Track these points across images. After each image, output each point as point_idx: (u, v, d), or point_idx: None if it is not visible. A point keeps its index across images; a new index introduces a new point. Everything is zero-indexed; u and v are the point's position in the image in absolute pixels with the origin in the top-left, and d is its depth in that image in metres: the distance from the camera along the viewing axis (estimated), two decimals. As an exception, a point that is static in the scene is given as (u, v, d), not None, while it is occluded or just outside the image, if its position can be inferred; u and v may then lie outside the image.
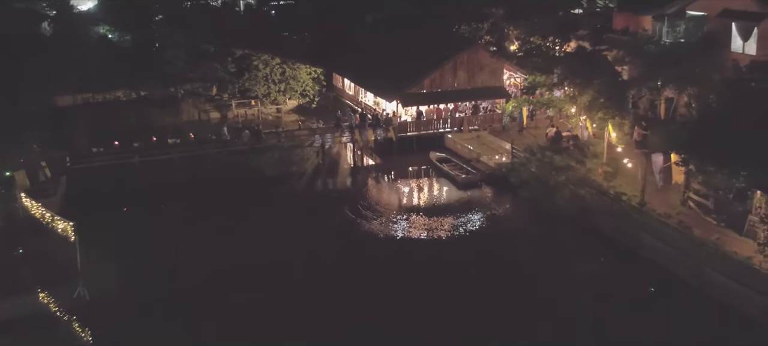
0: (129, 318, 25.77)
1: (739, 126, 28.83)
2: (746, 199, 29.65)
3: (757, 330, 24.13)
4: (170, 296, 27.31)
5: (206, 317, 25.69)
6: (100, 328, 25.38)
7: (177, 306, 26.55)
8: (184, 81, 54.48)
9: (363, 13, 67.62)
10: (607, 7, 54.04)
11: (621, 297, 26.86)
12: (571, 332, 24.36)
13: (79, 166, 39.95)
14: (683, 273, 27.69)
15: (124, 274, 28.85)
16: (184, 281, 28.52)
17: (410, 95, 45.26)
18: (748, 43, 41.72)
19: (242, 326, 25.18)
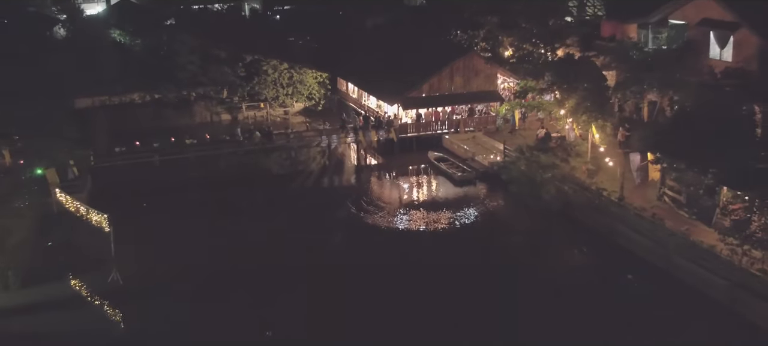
0: (157, 299, 28.93)
1: (708, 127, 32.05)
2: (714, 194, 32.79)
3: (719, 309, 27.21)
4: (192, 280, 30.43)
5: (224, 298, 28.79)
6: (131, 308, 28.52)
7: (199, 288, 29.67)
8: (196, 84, 57.37)
9: (364, 18, 71.01)
10: (596, 16, 57.28)
11: (599, 281, 30.02)
12: (551, 310, 27.46)
13: (103, 165, 43.10)
14: (655, 260, 30.81)
15: (150, 261, 32.01)
16: (204, 266, 31.69)
17: (410, 99, 48.43)
18: (724, 51, 44.65)
19: (257, 304, 28.28)
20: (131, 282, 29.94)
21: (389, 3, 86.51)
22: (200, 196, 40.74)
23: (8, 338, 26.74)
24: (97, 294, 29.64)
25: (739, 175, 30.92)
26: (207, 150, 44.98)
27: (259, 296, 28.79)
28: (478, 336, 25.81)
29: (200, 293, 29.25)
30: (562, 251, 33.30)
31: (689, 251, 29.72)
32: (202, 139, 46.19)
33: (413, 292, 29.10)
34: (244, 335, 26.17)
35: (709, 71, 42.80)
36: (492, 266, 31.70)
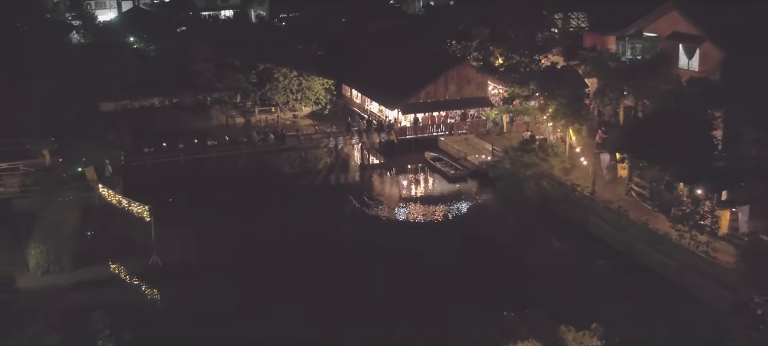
0: (190, 278, 33.93)
1: (669, 130, 37.00)
2: (673, 188, 37.75)
3: (670, 286, 32.14)
4: (221, 261, 35.42)
5: (246, 278, 33.72)
6: (169, 285, 33.47)
7: (227, 268, 34.68)
8: (212, 90, 62.37)
9: (366, 25, 75.81)
10: (579, 27, 62.28)
11: (569, 262, 35.04)
12: (525, 284, 32.46)
13: (133, 164, 48.04)
14: (619, 245, 35.79)
15: (183, 247, 37.00)
16: (231, 250, 36.72)
17: (409, 105, 53.40)
18: (691, 61, 49.64)
19: (275, 282, 33.24)
20: (169, 264, 34.94)
21: (390, 11, 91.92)
22: (222, 191, 45.75)
23: (66, 310, 31.66)
24: (139, 274, 34.60)
25: (693, 172, 35.94)
26: (226, 151, 50.05)
27: (277, 274, 33.77)
28: (458, 299, 30.74)
29: (228, 272, 34.23)
30: (540, 238, 38.30)
31: (647, 237, 34.71)
32: (222, 141, 51.21)
33: (409, 270, 34.05)
34: (266, 305, 31.09)
35: (677, 80, 47.83)
36: (477, 249, 36.69)
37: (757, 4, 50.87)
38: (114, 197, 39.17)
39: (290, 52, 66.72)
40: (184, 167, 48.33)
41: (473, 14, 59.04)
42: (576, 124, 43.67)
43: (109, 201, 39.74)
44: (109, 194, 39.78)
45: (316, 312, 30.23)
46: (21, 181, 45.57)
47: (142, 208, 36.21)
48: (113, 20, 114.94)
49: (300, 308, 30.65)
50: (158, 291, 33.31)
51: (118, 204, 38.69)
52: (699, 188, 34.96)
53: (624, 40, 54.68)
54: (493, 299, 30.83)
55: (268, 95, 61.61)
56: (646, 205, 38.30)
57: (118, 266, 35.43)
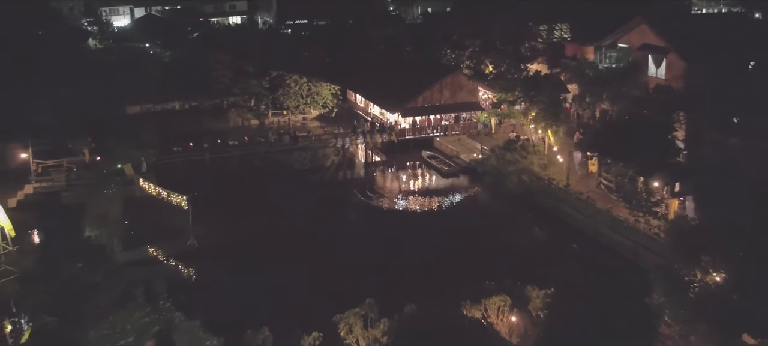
0: (222, 257, 40.07)
1: (633, 131, 43.17)
2: (635, 182, 43.92)
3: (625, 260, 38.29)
4: (247, 243, 41.58)
5: (268, 255, 39.84)
6: (204, 263, 39.56)
7: (252, 248, 40.81)
8: (229, 94, 68.38)
9: (368, 33, 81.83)
10: (562, 38, 68.54)
11: (543, 242, 41.26)
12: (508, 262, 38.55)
13: (164, 161, 54.15)
14: (587, 230, 42.03)
15: (214, 232, 43.12)
16: (255, 234, 42.88)
17: (408, 109, 59.60)
18: (659, 70, 55.92)
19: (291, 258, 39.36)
20: (203, 246, 41.12)
21: (390, 20, 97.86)
22: (244, 185, 51.92)
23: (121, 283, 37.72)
24: (178, 254, 40.73)
25: (651, 167, 42.12)
26: (246, 149, 56.28)
27: (293, 252, 39.93)
28: (448, 272, 36.77)
29: (253, 251, 40.39)
30: (520, 224, 44.51)
31: (610, 223, 40.97)
32: (242, 141, 57.42)
33: (406, 248, 40.26)
34: (288, 278, 37.17)
35: (645, 86, 54.06)
36: (466, 233, 42.91)
37: (717, 18, 57.28)
38: (154, 189, 45.34)
39: (299, 59, 72.81)
40: (209, 164, 54.52)
41: (465, 27, 65.23)
42: (554, 126, 49.93)
43: (149, 193, 45.90)
44: (149, 187, 45.97)
45: (327, 279, 36.19)
46: (67, 176, 51.85)
47: (180, 198, 42.41)
48: (127, 26, 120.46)
49: (314, 277, 36.65)
50: (196, 267, 39.46)
51: (158, 195, 44.87)
52: (655, 180, 41.22)
53: (601, 51, 60.89)
54: (477, 272, 36.80)
55: (280, 99, 67.61)
56: (613, 196, 44.50)
57: (160, 248, 41.58)
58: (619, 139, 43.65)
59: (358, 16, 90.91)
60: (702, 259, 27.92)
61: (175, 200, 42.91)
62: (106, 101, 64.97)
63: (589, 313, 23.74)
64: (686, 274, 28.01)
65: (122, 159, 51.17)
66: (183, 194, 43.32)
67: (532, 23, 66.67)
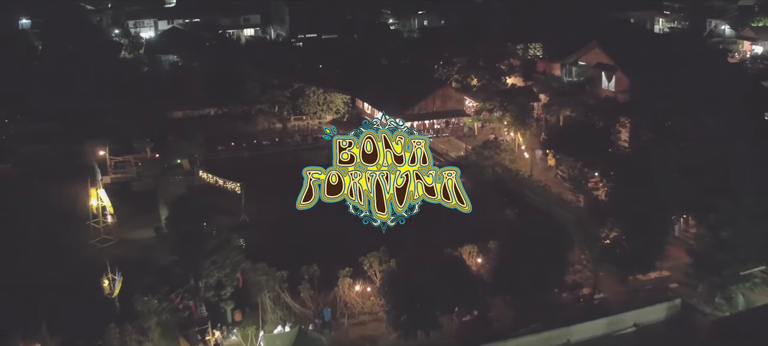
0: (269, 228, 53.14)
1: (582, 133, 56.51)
2: (583, 173, 57.26)
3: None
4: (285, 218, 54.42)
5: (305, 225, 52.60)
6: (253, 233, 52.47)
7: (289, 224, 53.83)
8: (256, 102, 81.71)
9: (373, 46, 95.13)
10: (535, 56, 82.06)
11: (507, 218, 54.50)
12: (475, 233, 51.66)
13: (210, 158, 67.28)
14: (542, 207, 55.32)
15: (260, 211, 56.23)
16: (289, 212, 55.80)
17: (407, 115, 72.81)
18: (610, 84, 69.46)
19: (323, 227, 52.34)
20: (252, 221, 54.25)
21: (391, 34, 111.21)
22: (277, 176, 64.90)
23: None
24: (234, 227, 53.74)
25: (593, 160, 55.47)
26: (276, 148, 69.55)
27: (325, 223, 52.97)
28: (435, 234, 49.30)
29: (289, 225, 53.34)
30: (492, 205, 57.69)
31: (558, 202, 54.34)
32: (272, 141, 70.70)
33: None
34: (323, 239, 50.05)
35: (598, 97, 67.47)
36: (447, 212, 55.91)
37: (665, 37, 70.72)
38: (210, 179, 58.62)
39: (314, 72, 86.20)
40: (248, 160, 67.74)
41: (454, 47, 78.62)
42: (522, 129, 63.37)
43: (207, 182, 59.16)
44: (207, 177, 59.24)
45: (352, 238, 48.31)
46: (137, 169, 65.18)
47: (234, 184, 55.68)
48: (153, 39, 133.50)
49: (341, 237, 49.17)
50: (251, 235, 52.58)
51: (214, 183, 58.15)
52: (595, 170, 54.65)
53: (565, 67, 74.62)
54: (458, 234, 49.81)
55: (300, 106, 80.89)
56: (565, 184, 57.87)
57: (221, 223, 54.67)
58: (570, 140, 57.10)
59: (363, 31, 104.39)
60: (607, 221, 41.42)
61: (230, 186, 56.17)
62: (156, 107, 78.47)
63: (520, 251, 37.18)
64: (596, 231, 41.47)
65: (179, 155, 64.40)
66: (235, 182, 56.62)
67: (510, 43, 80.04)
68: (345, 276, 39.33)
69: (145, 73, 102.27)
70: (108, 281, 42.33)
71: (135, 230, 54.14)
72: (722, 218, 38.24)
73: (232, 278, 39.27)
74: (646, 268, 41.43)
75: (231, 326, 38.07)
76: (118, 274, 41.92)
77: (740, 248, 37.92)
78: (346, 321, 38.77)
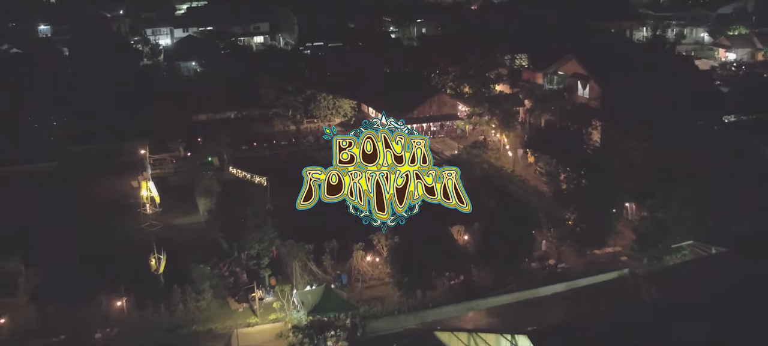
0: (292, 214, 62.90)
1: (557, 134, 66.45)
2: (558, 169, 67.13)
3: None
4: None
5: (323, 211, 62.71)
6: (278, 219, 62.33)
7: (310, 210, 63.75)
8: (272, 107, 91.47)
9: (374, 54, 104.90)
10: (521, 66, 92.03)
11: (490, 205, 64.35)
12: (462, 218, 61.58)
13: (236, 156, 77.08)
14: (521, 197, 65.25)
15: (282, 200, 65.94)
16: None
17: (407, 118, 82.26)
18: (585, 92, 79.42)
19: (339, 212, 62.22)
20: (277, 209, 64.08)
21: (392, 43, 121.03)
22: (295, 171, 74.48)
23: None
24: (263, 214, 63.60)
25: (566, 159, 65.40)
26: (293, 147, 79.42)
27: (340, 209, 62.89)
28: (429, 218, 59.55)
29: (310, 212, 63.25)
30: (478, 196, 67.51)
31: (535, 193, 64.27)
32: (290, 142, 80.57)
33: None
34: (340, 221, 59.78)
35: (574, 103, 77.39)
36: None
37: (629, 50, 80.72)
38: (240, 173, 68.51)
39: (323, 79, 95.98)
40: (268, 158, 77.64)
41: (447, 58, 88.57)
42: (507, 131, 73.34)
43: (236, 176, 69.07)
44: (237, 172, 69.13)
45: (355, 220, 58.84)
46: (172, 166, 75.08)
47: (261, 178, 65.57)
48: (170, 46, 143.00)
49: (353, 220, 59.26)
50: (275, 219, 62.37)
51: (243, 177, 68.04)
52: (566, 166, 64.52)
53: (547, 76, 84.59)
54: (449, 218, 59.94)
55: (312, 110, 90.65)
56: (543, 178, 67.72)
57: (249, 211, 64.53)
58: (547, 140, 67.03)
59: (366, 39, 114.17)
60: (570, 206, 51.41)
61: (257, 180, 66.05)
62: (182, 111, 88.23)
63: (498, 230, 47.11)
64: (561, 214, 51.45)
65: (209, 154, 74.30)
66: (261, 176, 66.46)
67: (499, 54, 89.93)
68: (358, 249, 49.23)
69: (166, 78, 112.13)
70: (154, 259, 51.63)
71: (176, 218, 63.99)
72: (658, 203, 48.20)
73: (268, 250, 49.19)
74: (601, 244, 51.41)
75: (268, 288, 47.97)
76: (162, 253, 51.46)
77: (672, 227, 47.84)
78: (359, 285, 48.68)
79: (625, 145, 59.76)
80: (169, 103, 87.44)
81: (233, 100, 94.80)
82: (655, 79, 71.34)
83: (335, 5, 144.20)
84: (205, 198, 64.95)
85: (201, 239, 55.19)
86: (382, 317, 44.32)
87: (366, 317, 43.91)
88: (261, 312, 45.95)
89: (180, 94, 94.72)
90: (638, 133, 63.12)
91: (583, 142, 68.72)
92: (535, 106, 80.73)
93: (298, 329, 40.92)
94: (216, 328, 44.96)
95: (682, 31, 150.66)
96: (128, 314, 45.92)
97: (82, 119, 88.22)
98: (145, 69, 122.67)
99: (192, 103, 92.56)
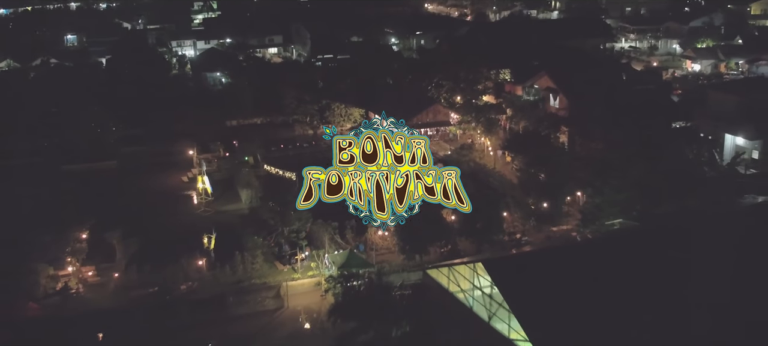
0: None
1: (531, 138, 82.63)
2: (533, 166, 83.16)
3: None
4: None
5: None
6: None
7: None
8: (293, 113, 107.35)
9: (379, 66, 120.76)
10: (504, 80, 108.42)
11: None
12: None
13: (269, 155, 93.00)
14: (500, 189, 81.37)
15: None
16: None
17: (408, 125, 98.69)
18: (555, 103, 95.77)
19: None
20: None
21: (394, 56, 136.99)
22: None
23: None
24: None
25: (541, 160, 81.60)
26: (313, 149, 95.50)
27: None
28: None
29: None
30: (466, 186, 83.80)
31: (510, 186, 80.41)
32: (310, 145, 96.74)
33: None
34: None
35: (547, 112, 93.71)
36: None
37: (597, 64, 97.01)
38: (273, 170, 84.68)
39: (334, 89, 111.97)
40: (292, 156, 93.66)
41: (441, 73, 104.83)
42: (490, 136, 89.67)
43: (270, 172, 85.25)
44: (271, 169, 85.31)
45: None
46: (215, 163, 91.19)
47: (291, 174, 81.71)
48: (194, 57, 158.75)
49: None
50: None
51: (275, 173, 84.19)
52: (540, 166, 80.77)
53: (525, 89, 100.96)
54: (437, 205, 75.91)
55: (327, 117, 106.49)
56: (517, 173, 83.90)
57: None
58: (522, 143, 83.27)
59: (372, 52, 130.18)
60: (532, 193, 67.70)
61: (287, 175, 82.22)
62: (215, 117, 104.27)
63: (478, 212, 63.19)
64: (527, 200, 67.76)
65: (245, 154, 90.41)
66: (292, 171, 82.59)
67: (486, 69, 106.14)
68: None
69: (195, 87, 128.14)
70: (207, 238, 67.65)
71: (223, 205, 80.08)
72: (596, 190, 64.45)
73: (304, 226, 65.27)
74: (556, 223, 67.64)
75: (306, 254, 64.22)
76: (213, 232, 67.56)
77: (607, 209, 64.04)
78: (373, 253, 64.90)
79: (579, 146, 75.99)
80: (203, 109, 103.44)
81: (259, 107, 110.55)
82: (612, 91, 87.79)
83: (342, 18, 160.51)
84: (245, 190, 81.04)
85: (250, 220, 71.03)
86: (390, 273, 60.46)
87: (380, 273, 60.00)
88: (301, 271, 62.17)
89: (212, 102, 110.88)
90: (595, 136, 79.50)
91: (550, 145, 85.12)
92: (514, 115, 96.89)
93: (332, 278, 57.02)
94: (268, 281, 61.22)
95: (656, 44, 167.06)
96: (203, 273, 62.16)
97: (128, 124, 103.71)
98: (176, 78, 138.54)
99: (223, 109, 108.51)
